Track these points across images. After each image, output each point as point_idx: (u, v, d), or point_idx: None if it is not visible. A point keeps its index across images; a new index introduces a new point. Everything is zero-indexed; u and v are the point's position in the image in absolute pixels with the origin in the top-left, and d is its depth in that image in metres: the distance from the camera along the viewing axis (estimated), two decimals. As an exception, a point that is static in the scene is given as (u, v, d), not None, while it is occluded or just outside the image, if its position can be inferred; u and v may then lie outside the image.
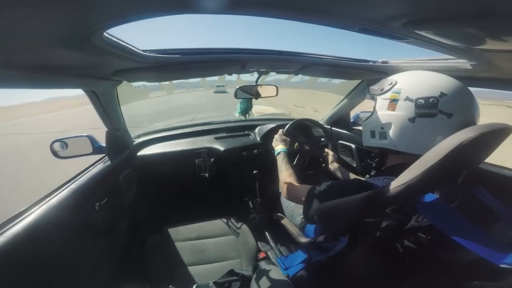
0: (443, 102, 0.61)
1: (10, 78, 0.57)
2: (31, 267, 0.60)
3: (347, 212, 0.63)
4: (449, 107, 0.61)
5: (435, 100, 0.62)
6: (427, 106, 0.63)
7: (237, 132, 1.76)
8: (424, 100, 0.63)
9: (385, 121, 0.70)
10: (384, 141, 0.71)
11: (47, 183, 3.47)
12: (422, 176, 0.50)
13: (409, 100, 0.65)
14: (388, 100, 0.70)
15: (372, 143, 0.76)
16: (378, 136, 0.73)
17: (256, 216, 1.49)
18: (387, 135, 0.70)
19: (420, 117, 0.63)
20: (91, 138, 1.10)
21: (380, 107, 0.72)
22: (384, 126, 0.71)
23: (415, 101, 0.64)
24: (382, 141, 0.72)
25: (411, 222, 0.65)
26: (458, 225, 0.51)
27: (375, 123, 0.74)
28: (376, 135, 0.74)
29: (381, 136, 0.72)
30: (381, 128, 0.72)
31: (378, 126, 0.73)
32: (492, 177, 0.86)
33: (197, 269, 1.05)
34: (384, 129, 0.71)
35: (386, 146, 0.71)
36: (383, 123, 0.71)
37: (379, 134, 0.73)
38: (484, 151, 0.60)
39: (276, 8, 0.44)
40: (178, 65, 0.89)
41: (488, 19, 0.37)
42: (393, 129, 0.69)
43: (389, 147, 0.70)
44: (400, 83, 0.69)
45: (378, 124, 0.72)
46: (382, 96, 0.72)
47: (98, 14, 0.39)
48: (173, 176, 1.57)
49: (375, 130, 0.74)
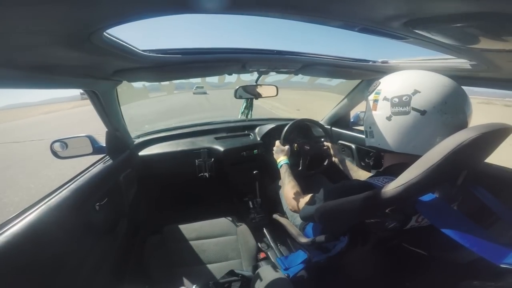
0: (416, 99, 0.62)
1: (10, 78, 0.57)
2: (31, 267, 0.60)
3: (347, 213, 0.63)
4: (421, 104, 0.61)
5: (407, 98, 0.62)
6: (400, 104, 0.64)
7: (237, 132, 1.76)
8: (398, 98, 0.64)
9: (371, 121, 0.73)
10: (372, 140, 0.74)
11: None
12: (422, 176, 0.50)
13: (386, 99, 0.67)
14: (372, 100, 0.73)
15: (366, 142, 0.79)
16: (368, 135, 0.76)
17: (256, 216, 1.49)
18: (374, 133, 0.73)
19: (395, 115, 0.65)
20: (91, 138, 1.10)
21: (368, 108, 0.75)
22: (371, 126, 0.73)
23: (390, 100, 0.66)
24: (370, 140, 0.75)
25: (411, 222, 0.65)
26: (458, 225, 0.51)
27: (366, 123, 0.77)
28: (368, 134, 0.76)
29: (370, 135, 0.75)
30: (369, 128, 0.74)
31: (367, 126, 0.76)
32: (492, 177, 0.86)
33: (197, 269, 1.05)
34: (372, 128, 0.73)
35: (373, 144, 0.74)
36: (370, 122, 0.73)
37: (368, 134, 0.76)
38: (484, 151, 0.60)
39: (276, 8, 0.44)
40: (178, 65, 0.89)
41: (488, 19, 0.37)
42: (375, 128, 0.71)
43: (375, 146, 0.73)
44: (382, 84, 0.71)
45: (368, 124, 0.75)
46: (369, 97, 0.75)
47: (98, 14, 0.39)
48: (173, 176, 1.57)
49: (366, 130, 0.77)
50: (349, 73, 1.23)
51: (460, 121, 0.62)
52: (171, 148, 1.55)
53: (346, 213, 0.63)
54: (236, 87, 1.30)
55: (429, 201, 0.56)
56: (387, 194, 0.54)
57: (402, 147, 0.65)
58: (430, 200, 0.56)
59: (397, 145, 0.66)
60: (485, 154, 0.62)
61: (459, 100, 0.62)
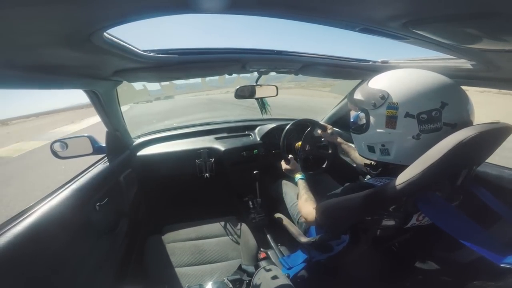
0: (446, 113, 0.57)
1: (10, 78, 0.57)
2: (32, 267, 0.60)
3: (348, 210, 0.63)
4: (452, 117, 0.57)
5: (437, 113, 0.57)
6: (431, 121, 0.57)
7: (237, 132, 1.76)
8: (427, 114, 0.57)
9: (386, 139, 0.64)
10: (388, 157, 0.66)
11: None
12: (422, 174, 0.50)
13: (410, 116, 0.59)
14: (385, 116, 0.62)
15: (373, 157, 0.71)
16: (379, 152, 0.67)
17: (256, 216, 1.49)
18: (390, 151, 0.65)
19: (425, 133, 0.58)
20: (91, 138, 1.10)
21: (376, 124, 0.65)
22: (385, 144, 0.65)
23: (417, 117, 0.58)
24: (385, 157, 0.67)
25: (412, 220, 0.65)
26: (459, 224, 0.51)
27: (373, 140, 0.68)
28: (377, 151, 0.68)
29: (383, 153, 0.66)
30: (382, 146, 0.66)
31: (378, 143, 0.67)
32: (492, 177, 0.86)
33: (197, 269, 1.05)
34: (386, 146, 0.65)
35: (391, 161, 0.66)
36: (384, 141, 0.65)
37: (380, 151, 0.67)
38: (485, 150, 0.60)
39: (276, 8, 0.44)
40: (178, 65, 0.89)
41: (488, 19, 0.37)
42: (396, 147, 0.63)
43: (394, 163, 0.65)
44: (394, 96, 0.61)
45: (378, 141, 0.67)
46: (376, 112, 0.65)
47: (98, 14, 0.39)
48: (174, 176, 1.57)
49: (374, 146, 0.68)
50: (349, 73, 1.23)
51: (472, 121, 0.61)
52: (171, 148, 1.55)
53: (347, 210, 0.63)
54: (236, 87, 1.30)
55: (430, 199, 0.56)
56: (388, 192, 0.54)
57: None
58: (431, 198, 0.56)
59: None
60: (485, 153, 0.62)
61: (470, 102, 0.62)
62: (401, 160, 0.64)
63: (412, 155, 0.59)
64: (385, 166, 0.75)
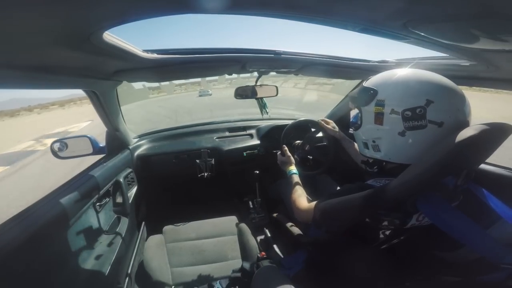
0: (431, 111, 0.57)
1: (10, 78, 0.57)
2: (31, 267, 0.60)
3: (348, 210, 0.63)
4: (438, 115, 0.57)
5: (422, 110, 0.57)
6: (415, 118, 0.58)
7: (238, 132, 1.76)
8: (411, 111, 0.58)
9: (375, 135, 0.67)
10: (379, 154, 0.68)
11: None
12: (422, 174, 0.51)
13: (395, 113, 0.60)
14: (373, 113, 0.65)
15: (367, 154, 0.74)
16: (371, 148, 0.70)
17: (256, 216, 1.49)
18: (380, 148, 0.67)
19: (410, 130, 0.59)
20: (91, 138, 1.10)
21: (367, 119, 0.68)
22: (375, 140, 0.67)
23: (401, 114, 0.59)
24: (376, 154, 0.69)
25: (411, 221, 0.65)
26: (459, 224, 0.51)
27: (365, 135, 0.71)
28: (369, 147, 0.71)
29: (374, 149, 0.69)
30: (373, 142, 0.68)
31: (369, 139, 0.69)
32: (492, 177, 0.86)
33: (197, 269, 1.05)
34: (376, 142, 0.67)
35: (381, 158, 0.68)
36: (374, 137, 0.67)
37: (372, 147, 0.70)
38: (485, 150, 0.60)
39: (276, 8, 0.44)
40: (178, 65, 0.89)
41: (488, 19, 0.37)
42: (384, 143, 0.65)
43: (384, 159, 0.68)
44: (382, 92, 0.64)
45: (369, 137, 0.69)
46: (366, 108, 0.68)
47: (98, 14, 0.39)
48: (174, 176, 1.57)
49: (367, 142, 0.71)
50: (349, 73, 1.23)
51: (468, 122, 0.60)
52: (171, 148, 1.55)
53: (347, 210, 0.63)
54: (236, 87, 1.30)
55: (430, 200, 0.56)
56: (388, 192, 0.54)
57: (419, 159, 0.57)
58: (431, 199, 0.56)
59: (414, 160, 0.60)
60: (485, 154, 0.61)
61: (466, 102, 0.61)
62: (390, 157, 0.65)
63: (400, 152, 0.62)
64: (381, 165, 0.75)
